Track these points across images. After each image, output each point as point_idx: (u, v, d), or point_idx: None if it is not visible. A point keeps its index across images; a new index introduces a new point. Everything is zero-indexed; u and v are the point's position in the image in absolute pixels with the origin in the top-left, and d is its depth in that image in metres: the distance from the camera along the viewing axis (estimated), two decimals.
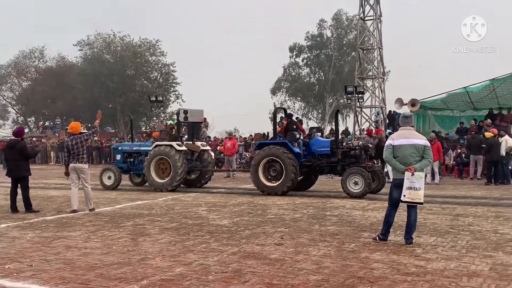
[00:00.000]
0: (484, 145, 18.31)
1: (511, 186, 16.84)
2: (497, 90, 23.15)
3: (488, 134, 18.23)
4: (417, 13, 77.31)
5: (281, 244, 7.26)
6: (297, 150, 13.98)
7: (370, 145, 14.52)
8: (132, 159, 16.83)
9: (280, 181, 13.83)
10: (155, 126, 41.51)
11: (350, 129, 28.93)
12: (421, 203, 7.09)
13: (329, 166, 14.14)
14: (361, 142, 15.07)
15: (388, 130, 21.99)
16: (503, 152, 17.53)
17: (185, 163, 15.35)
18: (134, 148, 16.93)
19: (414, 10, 77.76)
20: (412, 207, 7.16)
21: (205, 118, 27.77)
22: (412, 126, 7.36)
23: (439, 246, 7.12)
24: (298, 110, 54.05)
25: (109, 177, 16.42)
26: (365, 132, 26.46)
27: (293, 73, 53.85)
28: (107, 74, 44.41)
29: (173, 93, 48.15)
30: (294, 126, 14.96)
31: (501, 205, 11.69)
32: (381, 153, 8.69)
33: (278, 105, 52.61)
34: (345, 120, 52.50)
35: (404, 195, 7.00)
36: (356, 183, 13.18)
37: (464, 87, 23.09)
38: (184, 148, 15.56)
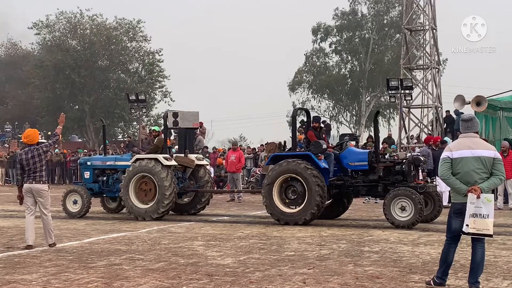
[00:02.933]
0: None
1: None
2: None
3: None
4: None
5: None
6: (324, 165, 13.96)
7: (422, 158, 14.48)
8: (105, 178, 16.93)
9: (301, 207, 13.81)
10: (136, 134, 41.74)
11: (395, 137, 28.89)
12: (490, 236, 7.05)
13: (367, 186, 14.12)
14: (409, 154, 15.07)
15: (446, 138, 21.91)
16: None
17: (175, 182, 15.43)
18: (108, 163, 17.03)
19: None
20: (478, 240, 7.12)
21: (201, 123, 27.95)
22: (476, 132, 7.33)
23: None
24: (325, 111, 54.11)
25: (75, 202, 16.49)
26: (414, 141, 26.39)
27: (318, 63, 54.02)
28: (73, 65, 44.84)
29: (159, 90, 48.46)
30: (323, 135, 14.98)
31: None
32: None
33: (298, 105, 52.69)
34: (388, 124, 52.46)
35: (467, 225, 6.96)
36: (403, 209, 13.14)
37: None
38: (173, 162, 15.64)
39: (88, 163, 17.34)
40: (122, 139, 42.71)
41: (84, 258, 9.72)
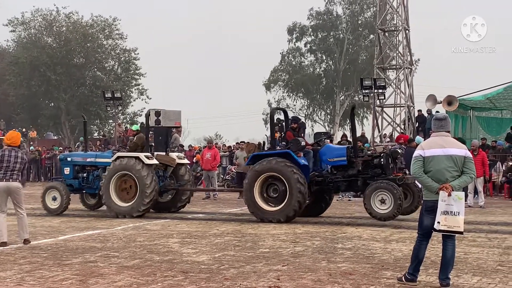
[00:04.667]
0: None
1: None
2: None
3: None
4: None
5: (277, 287, 7.22)
6: (303, 162, 13.98)
7: (400, 151, 14.53)
8: (85, 174, 16.74)
9: (283, 204, 13.76)
10: (112, 132, 41.49)
11: (368, 135, 29.09)
12: (461, 232, 7.12)
13: (347, 181, 14.11)
14: (388, 147, 15.10)
15: (418, 137, 22.10)
16: None
17: (155, 181, 15.30)
18: (88, 160, 16.84)
19: None
20: (448, 237, 7.18)
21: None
22: (448, 132, 7.40)
23: None
24: (300, 110, 54.29)
25: (54, 198, 16.27)
26: (387, 139, 26.61)
27: (294, 62, 54.11)
28: (48, 62, 44.36)
29: (135, 87, 48.16)
30: (302, 135, 14.97)
31: None
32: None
33: (274, 103, 52.82)
34: (361, 123, 52.77)
35: (439, 222, 7.02)
36: (383, 202, 13.13)
37: None
38: (155, 161, 15.54)
39: (69, 159, 17.15)
40: (97, 137, 42.32)
41: (59, 255, 9.63)
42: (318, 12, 52.11)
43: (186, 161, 17.18)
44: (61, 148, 34.64)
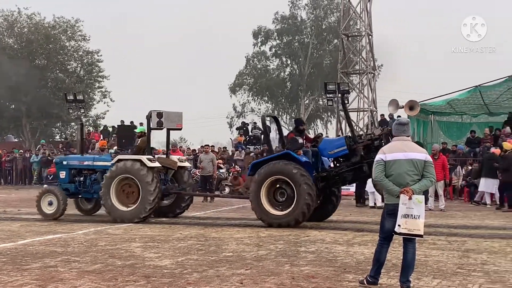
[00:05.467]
0: (497, 163, 18.79)
1: None
2: None
3: (507, 145, 18.70)
4: None
5: None
6: (305, 159, 13.69)
7: None
8: (82, 178, 16.22)
9: (291, 207, 13.42)
10: (74, 135, 40.96)
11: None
12: (421, 236, 7.21)
13: (352, 170, 13.81)
14: (384, 128, 14.53)
15: None
16: None
17: (159, 186, 14.88)
18: (86, 163, 16.31)
19: None
20: (409, 240, 7.27)
21: (141, 124, 27.50)
22: (409, 136, 7.50)
23: None
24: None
25: (50, 203, 15.73)
26: None
27: (259, 66, 54.27)
28: (9, 64, 43.59)
29: (99, 90, 47.64)
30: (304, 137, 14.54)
31: None
32: None
33: (239, 107, 52.98)
34: (325, 127, 53.20)
35: (399, 225, 7.09)
36: None
37: (476, 86, 23.77)
38: (157, 164, 15.08)
39: (64, 162, 16.54)
40: (59, 140, 41.69)
41: (18, 260, 9.47)
42: (283, 16, 52.36)
43: (187, 164, 16.77)
44: (21, 151, 34.09)
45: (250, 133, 32.41)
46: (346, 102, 25.47)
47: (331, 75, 43.89)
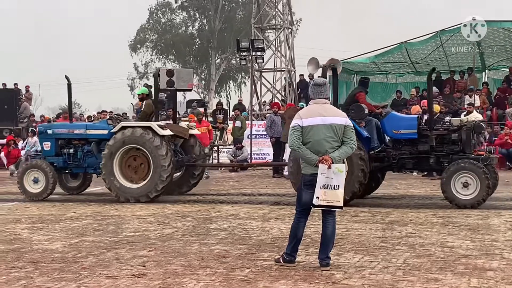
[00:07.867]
0: None
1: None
2: (446, 46, 24.70)
3: (415, 109, 19.48)
4: None
5: (142, 275, 7.20)
6: (366, 134, 12.86)
7: (483, 124, 13.66)
8: (72, 150, 15.16)
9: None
10: None
11: (246, 103, 29.41)
12: (341, 207, 7.31)
13: (415, 158, 13.08)
14: (468, 119, 13.44)
15: (301, 103, 22.62)
16: None
17: (172, 152, 14.12)
18: (76, 132, 15.24)
19: None
20: (328, 213, 7.40)
21: (27, 87, 26.68)
22: (327, 98, 7.54)
23: (366, 267, 7.43)
24: None
25: (36, 180, 14.81)
26: (266, 107, 27.05)
27: (163, 20, 53.56)
28: None
29: None
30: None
31: (452, 206, 12.28)
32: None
33: (141, 67, 52.25)
34: (239, 90, 53.36)
35: (318, 197, 7.18)
36: (465, 186, 12.11)
37: (402, 42, 24.41)
38: (169, 132, 14.31)
39: (49, 131, 15.38)
40: None
41: None
42: None
43: (196, 131, 15.96)
44: None
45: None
46: (261, 61, 25.60)
47: (245, 30, 43.92)
